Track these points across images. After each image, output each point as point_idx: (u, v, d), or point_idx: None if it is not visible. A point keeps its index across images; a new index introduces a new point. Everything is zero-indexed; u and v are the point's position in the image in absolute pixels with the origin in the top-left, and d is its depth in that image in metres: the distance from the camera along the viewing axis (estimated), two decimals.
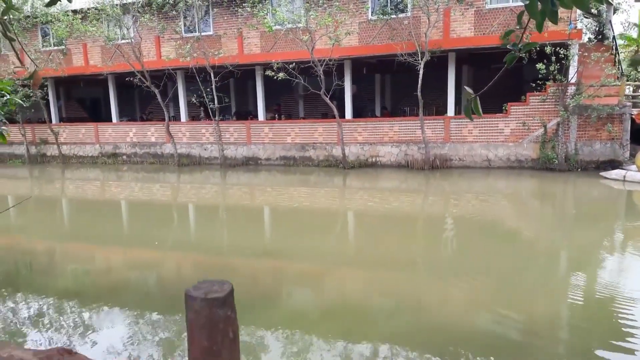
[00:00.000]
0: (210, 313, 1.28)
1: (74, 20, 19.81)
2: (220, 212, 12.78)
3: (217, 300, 1.28)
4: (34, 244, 9.58)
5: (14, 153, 24.24)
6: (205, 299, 1.28)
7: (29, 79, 3.56)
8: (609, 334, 5.03)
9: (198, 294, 1.30)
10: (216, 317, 1.28)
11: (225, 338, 1.30)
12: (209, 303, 1.27)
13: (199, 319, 1.28)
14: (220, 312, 1.29)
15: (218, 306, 1.29)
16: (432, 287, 6.80)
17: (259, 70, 19.92)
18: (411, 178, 16.25)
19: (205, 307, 1.27)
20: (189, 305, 1.31)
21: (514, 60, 2.16)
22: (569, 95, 15.84)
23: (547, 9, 1.80)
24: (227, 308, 1.31)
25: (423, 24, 17.13)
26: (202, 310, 1.28)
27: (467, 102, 1.99)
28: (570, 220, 10.93)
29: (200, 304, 1.27)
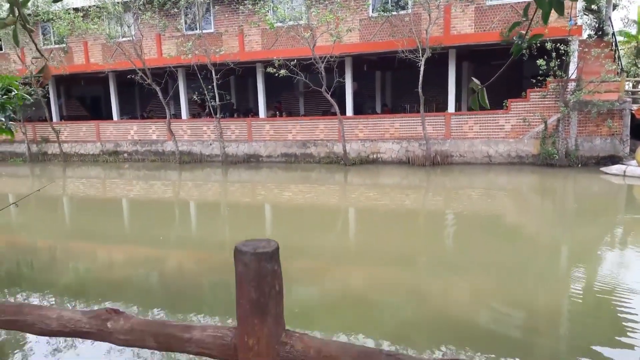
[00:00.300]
0: (258, 267, 1.34)
1: (75, 18, 19.84)
2: (222, 210, 12.82)
3: (266, 254, 1.34)
4: (36, 242, 9.60)
5: (15, 151, 24.27)
6: (254, 253, 1.34)
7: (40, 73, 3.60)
8: (609, 329, 5.05)
9: (248, 248, 1.36)
10: (264, 271, 1.34)
11: (272, 290, 1.36)
12: (257, 257, 1.33)
13: (249, 272, 1.33)
14: (268, 266, 1.35)
15: (266, 260, 1.34)
16: (434, 282, 6.83)
17: (259, 68, 19.97)
18: (412, 174, 16.31)
19: (254, 260, 1.33)
20: (239, 259, 1.37)
21: (520, 51, 2.21)
22: (569, 91, 15.92)
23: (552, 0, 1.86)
24: (274, 263, 1.37)
25: (424, 20, 17.19)
26: (251, 264, 1.33)
27: (473, 92, 2.05)
28: (571, 215, 11.00)
29: (250, 258, 1.33)
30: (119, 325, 1.51)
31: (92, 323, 1.54)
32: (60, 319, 1.56)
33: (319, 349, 1.35)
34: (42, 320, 1.59)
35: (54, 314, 1.60)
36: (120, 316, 1.53)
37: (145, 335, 1.48)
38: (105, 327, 1.52)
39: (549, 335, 5.04)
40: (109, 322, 1.52)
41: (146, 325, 1.50)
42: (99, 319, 1.53)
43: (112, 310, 1.55)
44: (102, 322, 1.53)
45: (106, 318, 1.53)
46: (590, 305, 5.76)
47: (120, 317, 1.53)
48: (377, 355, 1.28)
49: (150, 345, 1.48)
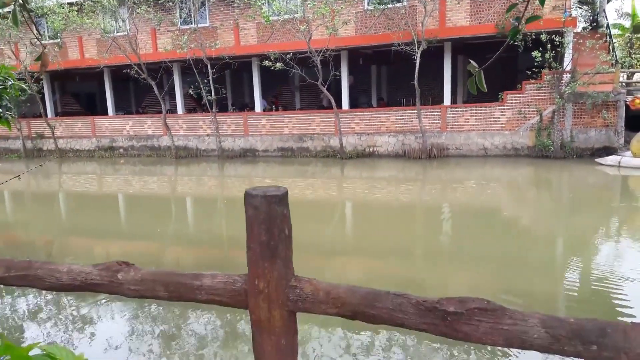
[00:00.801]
0: (269, 209, 1.36)
1: (69, 12, 19.75)
2: (219, 204, 12.83)
3: (275, 197, 1.37)
4: (32, 238, 9.58)
5: (10, 148, 24.18)
6: (264, 196, 1.36)
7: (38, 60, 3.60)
8: (604, 316, 5.09)
9: (258, 192, 1.38)
10: (274, 214, 1.36)
11: (282, 233, 1.38)
12: (267, 200, 1.35)
13: (259, 214, 1.36)
14: (278, 209, 1.37)
15: (276, 203, 1.37)
16: (430, 273, 6.85)
17: (255, 62, 19.95)
18: (408, 167, 16.36)
19: (265, 203, 1.35)
20: (249, 202, 1.39)
21: (517, 34, 2.22)
22: (564, 83, 15.98)
23: None
24: (284, 206, 1.39)
25: (419, 13, 17.21)
26: (262, 206, 1.36)
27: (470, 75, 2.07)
28: (567, 206, 11.07)
29: (260, 201, 1.35)
30: (130, 276, 1.53)
31: (103, 275, 1.56)
32: (71, 273, 1.58)
33: (327, 291, 1.38)
34: (52, 274, 1.61)
35: (64, 268, 1.62)
36: (131, 268, 1.55)
37: (155, 285, 1.50)
38: (115, 279, 1.54)
39: None
40: (120, 274, 1.54)
41: (156, 275, 1.52)
42: (110, 270, 1.55)
43: (122, 263, 1.58)
44: (113, 273, 1.55)
45: (117, 270, 1.55)
46: (586, 294, 5.82)
47: (131, 268, 1.55)
48: (385, 296, 1.31)
49: (160, 295, 1.51)
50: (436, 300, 1.29)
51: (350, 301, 1.34)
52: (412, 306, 1.27)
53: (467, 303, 1.25)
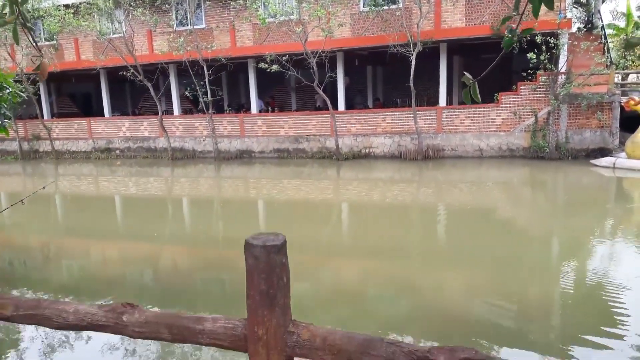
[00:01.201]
0: (268, 259, 1.41)
1: (65, 14, 19.72)
2: (216, 205, 12.87)
3: (275, 247, 1.42)
4: (29, 240, 9.61)
5: (6, 149, 24.14)
6: (264, 246, 1.42)
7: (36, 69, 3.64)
8: (599, 319, 5.15)
9: (258, 242, 1.44)
10: (273, 263, 1.42)
11: (280, 282, 1.44)
12: (267, 250, 1.41)
13: (259, 264, 1.41)
14: (277, 258, 1.43)
15: (275, 253, 1.42)
16: (426, 274, 6.94)
17: (251, 63, 19.97)
18: (404, 168, 16.43)
19: (264, 253, 1.41)
20: (250, 252, 1.44)
21: (511, 45, 2.27)
22: (559, 84, 16.07)
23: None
24: (282, 255, 1.45)
25: (415, 14, 17.27)
26: (262, 256, 1.41)
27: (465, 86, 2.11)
28: (562, 207, 11.17)
29: (260, 251, 1.41)
30: (134, 318, 1.58)
31: (108, 316, 1.61)
32: (77, 313, 1.64)
33: (324, 338, 1.43)
34: (59, 314, 1.66)
35: (71, 308, 1.67)
36: (135, 309, 1.61)
37: (159, 327, 1.56)
38: (120, 320, 1.60)
39: (540, 325, 5.15)
40: (125, 316, 1.60)
41: (160, 318, 1.58)
42: (115, 312, 1.61)
43: (127, 305, 1.63)
44: (118, 315, 1.61)
45: (122, 312, 1.60)
46: (580, 295, 5.88)
47: (135, 310, 1.60)
48: (379, 344, 1.37)
49: (164, 337, 1.56)
50: (427, 349, 1.34)
51: (346, 348, 1.40)
52: (404, 355, 1.33)
53: (457, 352, 1.31)
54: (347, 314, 5.58)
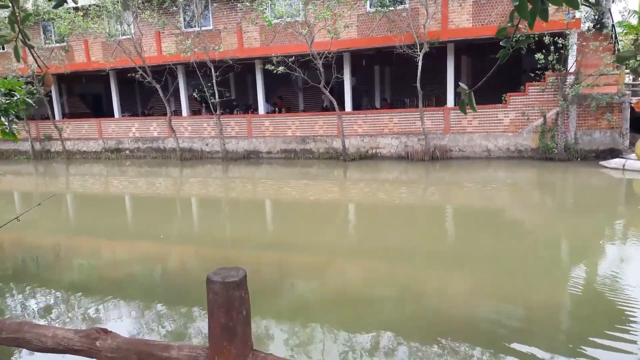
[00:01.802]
0: (227, 294, 1.48)
1: (75, 17, 19.95)
2: (223, 206, 12.99)
3: (233, 283, 1.48)
4: (41, 239, 9.79)
5: (19, 149, 24.48)
6: (223, 282, 1.48)
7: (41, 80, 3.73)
8: (608, 322, 5.12)
9: (217, 278, 1.50)
10: (232, 298, 1.48)
11: (239, 315, 1.50)
12: (226, 286, 1.47)
13: (218, 299, 1.48)
14: (236, 293, 1.49)
15: (234, 288, 1.48)
16: (433, 276, 6.97)
17: (258, 64, 20.06)
18: (411, 169, 16.43)
19: (223, 289, 1.47)
20: (210, 288, 1.51)
21: (507, 56, 2.26)
22: (568, 85, 15.96)
23: (537, 8, 1.82)
24: (242, 290, 1.51)
25: (421, 15, 17.23)
26: (221, 292, 1.48)
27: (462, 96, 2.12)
28: (570, 209, 11.11)
29: (219, 287, 1.48)
30: (107, 344, 1.65)
31: (83, 342, 1.68)
32: (55, 337, 1.71)
33: None
34: (38, 338, 1.74)
35: (50, 332, 1.74)
36: (108, 335, 1.68)
37: (129, 354, 1.63)
38: (94, 346, 1.67)
39: (548, 327, 5.15)
40: (98, 341, 1.67)
41: (130, 344, 1.64)
42: (89, 338, 1.68)
43: (101, 330, 1.70)
44: (92, 341, 1.68)
45: (95, 337, 1.67)
46: (589, 298, 5.85)
47: (108, 336, 1.67)
48: None
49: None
50: None
51: None
52: None
53: None
54: (353, 314, 5.62)
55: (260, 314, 5.59)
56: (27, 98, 5.74)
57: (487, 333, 5.02)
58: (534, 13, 2.06)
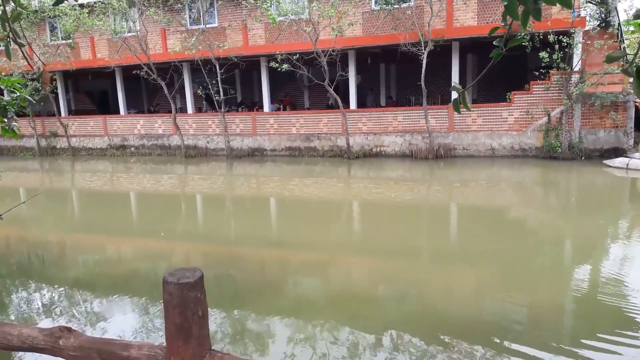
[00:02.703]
0: (181, 295, 1.48)
1: (81, 14, 20.05)
2: (227, 203, 13.03)
3: (188, 284, 1.49)
4: (46, 235, 9.88)
5: (25, 146, 24.64)
6: (177, 284, 1.49)
7: (39, 78, 3.73)
8: (612, 323, 5.07)
9: (172, 279, 1.51)
10: (187, 299, 1.49)
11: (195, 315, 1.50)
12: (180, 287, 1.48)
13: (172, 300, 1.49)
14: (191, 294, 1.49)
15: (189, 289, 1.49)
16: (436, 274, 6.96)
17: (263, 62, 20.07)
18: (415, 167, 16.39)
19: (178, 289, 1.48)
20: (165, 288, 1.52)
21: (500, 56, 2.24)
22: (572, 84, 15.85)
23: (529, 8, 1.77)
24: (197, 291, 1.52)
25: (426, 13, 17.16)
26: (175, 293, 1.49)
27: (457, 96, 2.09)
28: (574, 208, 11.05)
29: (174, 288, 1.48)
30: (70, 343, 1.67)
31: (47, 340, 1.70)
32: (20, 336, 1.73)
33: None
34: (4, 337, 1.76)
35: (15, 330, 1.76)
36: (72, 334, 1.69)
37: (91, 352, 1.64)
38: (57, 344, 1.68)
39: (552, 327, 5.12)
40: (61, 340, 1.68)
41: (92, 343, 1.66)
42: (53, 336, 1.70)
43: (64, 329, 1.71)
44: (55, 339, 1.69)
45: (59, 336, 1.69)
46: (594, 298, 5.80)
47: (71, 335, 1.69)
48: None
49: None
50: None
51: None
52: None
53: None
54: (357, 311, 5.62)
55: (263, 311, 5.60)
56: (33, 95, 5.76)
57: (491, 332, 5.00)
58: (526, 14, 2.02)
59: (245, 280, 6.88)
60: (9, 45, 2.88)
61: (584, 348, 4.60)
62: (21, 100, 5.87)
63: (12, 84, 5.68)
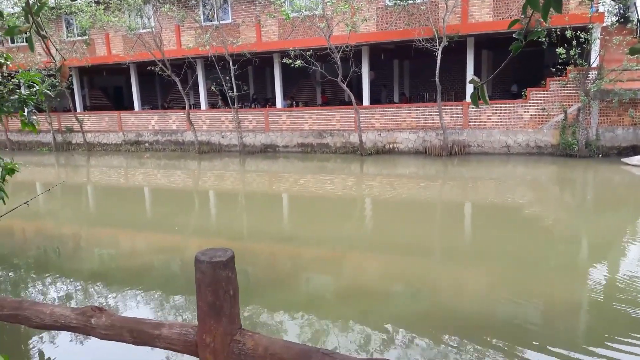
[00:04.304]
0: (214, 274, 1.50)
1: (96, 11, 20.22)
2: (240, 198, 13.08)
3: (220, 263, 1.51)
4: (62, 229, 10.00)
5: (41, 141, 24.97)
6: (210, 262, 1.50)
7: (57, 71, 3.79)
8: (629, 323, 5.00)
9: (205, 258, 1.53)
10: (219, 277, 1.50)
11: (226, 294, 1.52)
12: (213, 265, 1.50)
13: (205, 278, 1.50)
14: (223, 273, 1.51)
15: (221, 268, 1.51)
16: (449, 271, 6.92)
17: (276, 58, 20.10)
18: (429, 164, 16.31)
19: (210, 268, 1.50)
20: (198, 267, 1.54)
21: (519, 49, 2.19)
22: (590, 80, 15.66)
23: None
24: (228, 270, 1.53)
25: (441, 9, 17.06)
26: (208, 271, 1.50)
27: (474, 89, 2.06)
28: (591, 206, 10.92)
29: (207, 266, 1.50)
30: (101, 322, 1.69)
31: (79, 319, 1.73)
32: (53, 315, 1.76)
33: (266, 347, 1.51)
34: (37, 315, 1.79)
35: (48, 310, 1.79)
36: (103, 313, 1.72)
37: (122, 331, 1.66)
38: (89, 323, 1.71)
39: (567, 327, 5.07)
40: (93, 319, 1.71)
41: (123, 322, 1.68)
42: (85, 315, 1.72)
43: (96, 308, 1.74)
44: (87, 318, 1.72)
45: (90, 315, 1.71)
46: (609, 299, 5.70)
47: (103, 314, 1.71)
48: (315, 354, 1.43)
49: (126, 340, 1.67)
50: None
51: (285, 357, 1.48)
52: None
53: None
54: (368, 308, 5.60)
55: (274, 305, 5.62)
56: (49, 90, 5.83)
57: (504, 331, 4.95)
58: (547, 4, 1.99)
59: (256, 275, 6.90)
60: (32, 37, 2.90)
61: (599, 349, 4.53)
62: (39, 94, 5.94)
63: (31, 79, 5.76)
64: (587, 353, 4.50)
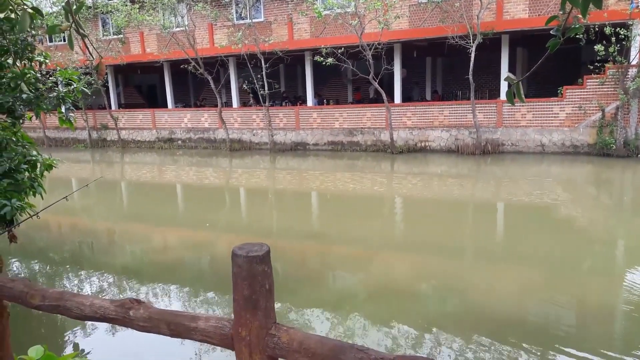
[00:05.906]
0: (250, 268, 1.52)
1: (131, 10, 20.66)
2: (270, 196, 13.17)
3: (257, 257, 1.52)
4: (96, 225, 10.27)
5: (77, 138, 25.67)
6: (247, 256, 1.52)
7: (95, 69, 3.87)
8: None
9: (242, 252, 1.55)
10: (255, 272, 1.52)
11: (262, 288, 1.54)
12: (249, 259, 1.51)
13: (242, 272, 1.52)
14: (259, 267, 1.53)
15: (257, 262, 1.52)
16: (480, 272, 6.83)
17: (308, 56, 20.13)
18: (461, 163, 16.09)
19: (247, 262, 1.52)
20: (234, 261, 1.56)
21: (557, 45, 2.14)
22: (629, 78, 15.16)
23: None
24: (265, 265, 1.55)
25: (475, 5, 16.79)
26: (244, 265, 1.52)
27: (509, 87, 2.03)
28: (629, 207, 10.59)
29: (243, 260, 1.52)
30: (139, 314, 1.73)
31: (118, 311, 1.77)
32: (93, 306, 1.81)
33: (300, 342, 1.52)
34: (78, 307, 1.84)
35: (88, 301, 1.84)
36: (141, 305, 1.75)
37: (160, 323, 1.69)
38: (127, 315, 1.75)
39: (600, 331, 4.96)
40: (131, 311, 1.75)
41: (161, 315, 1.72)
42: (124, 307, 1.77)
43: (134, 300, 1.78)
44: (126, 310, 1.76)
45: (129, 307, 1.76)
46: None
47: (141, 306, 1.75)
48: (349, 350, 1.43)
49: (164, 332, 1.70)
50: (392, 357, 1.39)
51: (319, 352, 1.48)
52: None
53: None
54: (396, 308, 5.58)
55: (305, 302, 5.64)
56: (85, 88, 5.96)
57: (535, 334, 4.87)
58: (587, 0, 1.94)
59: (286, 272, 6.94)
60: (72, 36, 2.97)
61: (633, 357, 4.40)
62: (77, 92, 6.10)
63: (69, 76, 5.92)
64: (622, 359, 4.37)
